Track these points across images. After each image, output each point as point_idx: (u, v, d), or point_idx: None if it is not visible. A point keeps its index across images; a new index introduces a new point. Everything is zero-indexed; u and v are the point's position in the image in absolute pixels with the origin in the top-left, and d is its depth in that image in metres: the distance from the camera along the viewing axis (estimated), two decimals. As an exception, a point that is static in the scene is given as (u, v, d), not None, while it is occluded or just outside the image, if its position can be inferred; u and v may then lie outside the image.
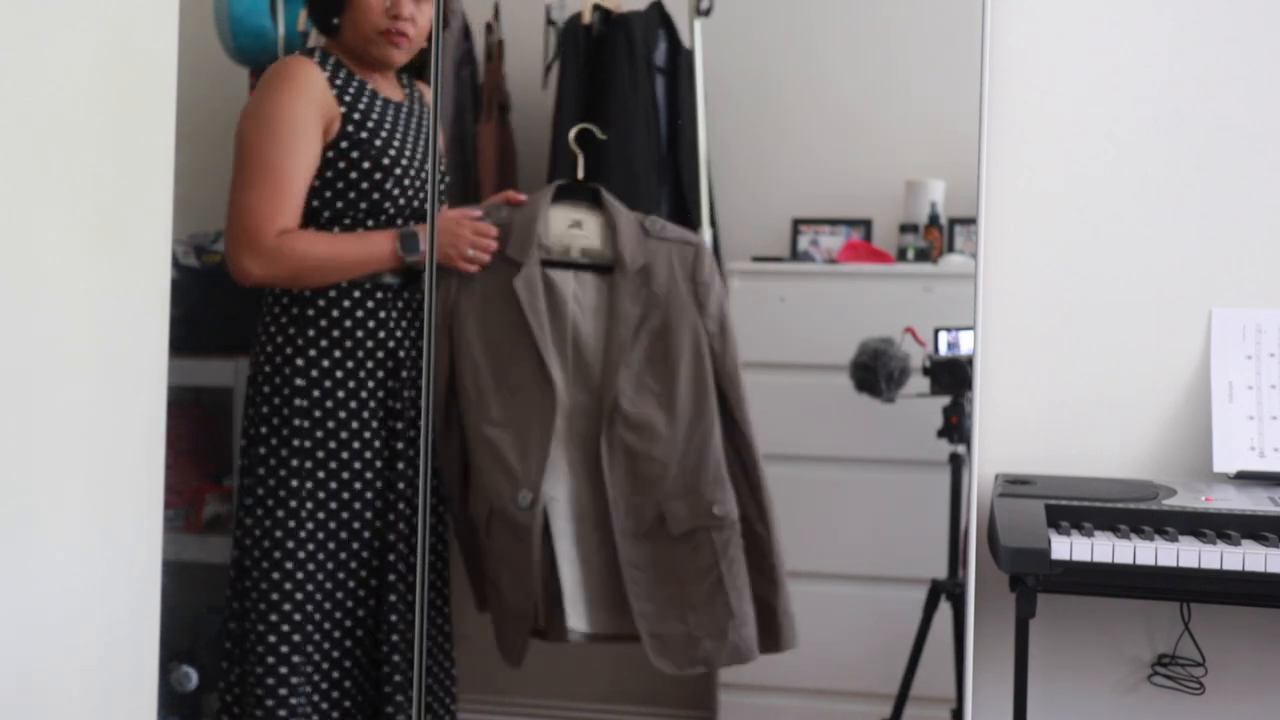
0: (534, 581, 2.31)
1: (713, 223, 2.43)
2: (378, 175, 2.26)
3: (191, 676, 2.37)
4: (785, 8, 2.41)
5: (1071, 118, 2.13)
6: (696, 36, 2.42)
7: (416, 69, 2.38)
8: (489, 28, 2.50)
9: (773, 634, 2.29)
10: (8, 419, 1.78)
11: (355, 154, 2.25)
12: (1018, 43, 2.14)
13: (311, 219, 2.26)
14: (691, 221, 2.43)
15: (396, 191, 2.28)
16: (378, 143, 2.26)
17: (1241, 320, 2.06)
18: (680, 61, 2.43)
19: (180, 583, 2.20)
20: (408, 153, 2.30)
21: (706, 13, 2.41)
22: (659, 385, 2.30)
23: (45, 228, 1.85)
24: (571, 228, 2.34)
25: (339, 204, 2.26)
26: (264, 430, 2.29)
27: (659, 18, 2.43)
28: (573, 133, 2.37)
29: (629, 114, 2.42)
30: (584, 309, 2.33)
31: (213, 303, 2.37)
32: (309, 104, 2.24)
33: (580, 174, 2.36)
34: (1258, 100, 2.09)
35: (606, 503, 2.30)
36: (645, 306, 2.30)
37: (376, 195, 2.26)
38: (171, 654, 2.24)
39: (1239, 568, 1.70)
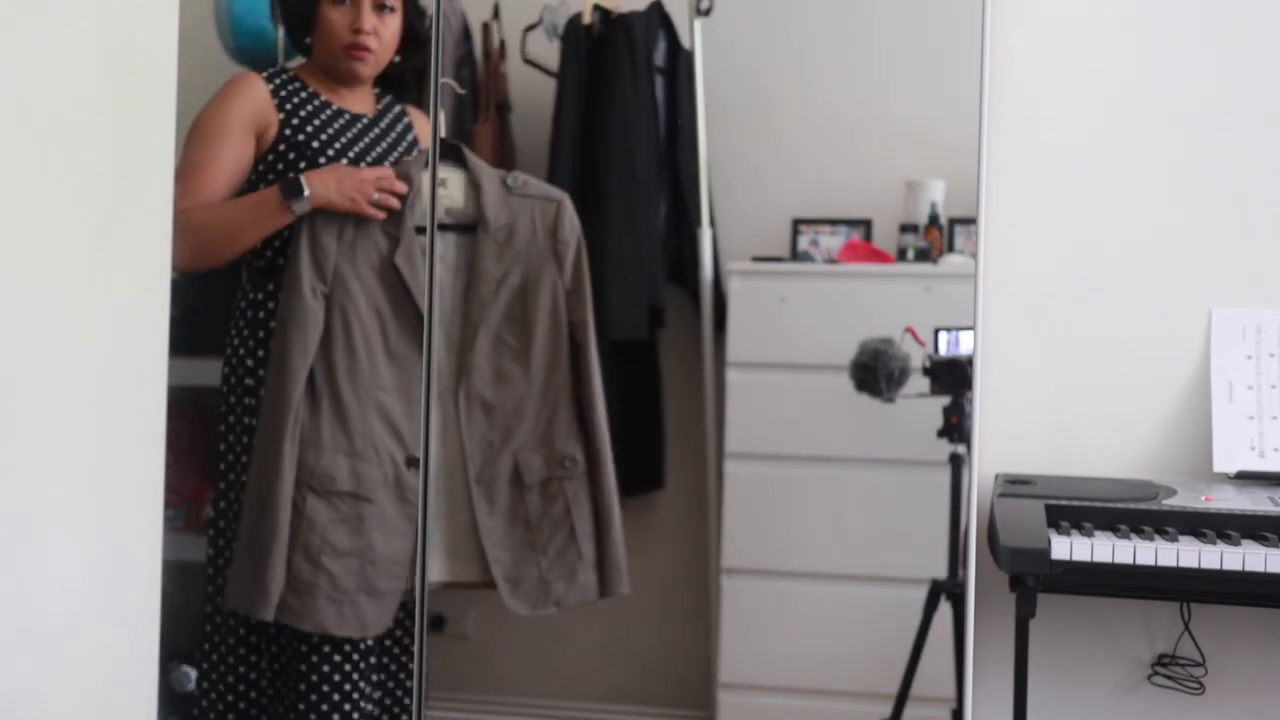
0: (413, 540, 2.32)
1: (713, 223, 2.43)
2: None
3: (191, 676, 2.36)
4: (785, 7, 2.41)
5: (1071, 118, 2.13)
6: (696, 37, 2.42)
7: (415, 88, 2.41)
8: (487, 28, 2.50)
9: (605, 579, 2.34)
10: (8, 419, 1.78)
11: (292, 155, 2.30)
12: (1017, 43, 2.14)
13: None
14: (691, 222, 2.43)
15: None
16: (315, 144, 2.31)
17: (1241, 320, 2.06)
18: (680, 61, 2.43)
19: (180, 583, 2.20)
20: (360, 159, 2.33)
21: (706, 13, 2.41)
22: (517, 341, 2.34)
23: (45, 228, 1.85)
24: (438, 188, 2.36)
25: None
26: (221, 428, 2.35)
27: (659, 18, 2.43)
28: (445, 81, 2.37)
29: (629, 114, 2.42)
30: (447, 267, 2.36)
31: (213, 303, 2.37)
32: (239, 111, 2.31)
33: (443, 132, 2.35)
34: (1257, 100, 2.09)
35: (464, 456, 2.34)
36: (507, 264, 2.34)
37: None
38: (171, 654, 2.24)
39: (1239, 568, 1.70)
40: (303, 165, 2.30)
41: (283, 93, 2.33)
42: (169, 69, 2.09)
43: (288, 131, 2.31)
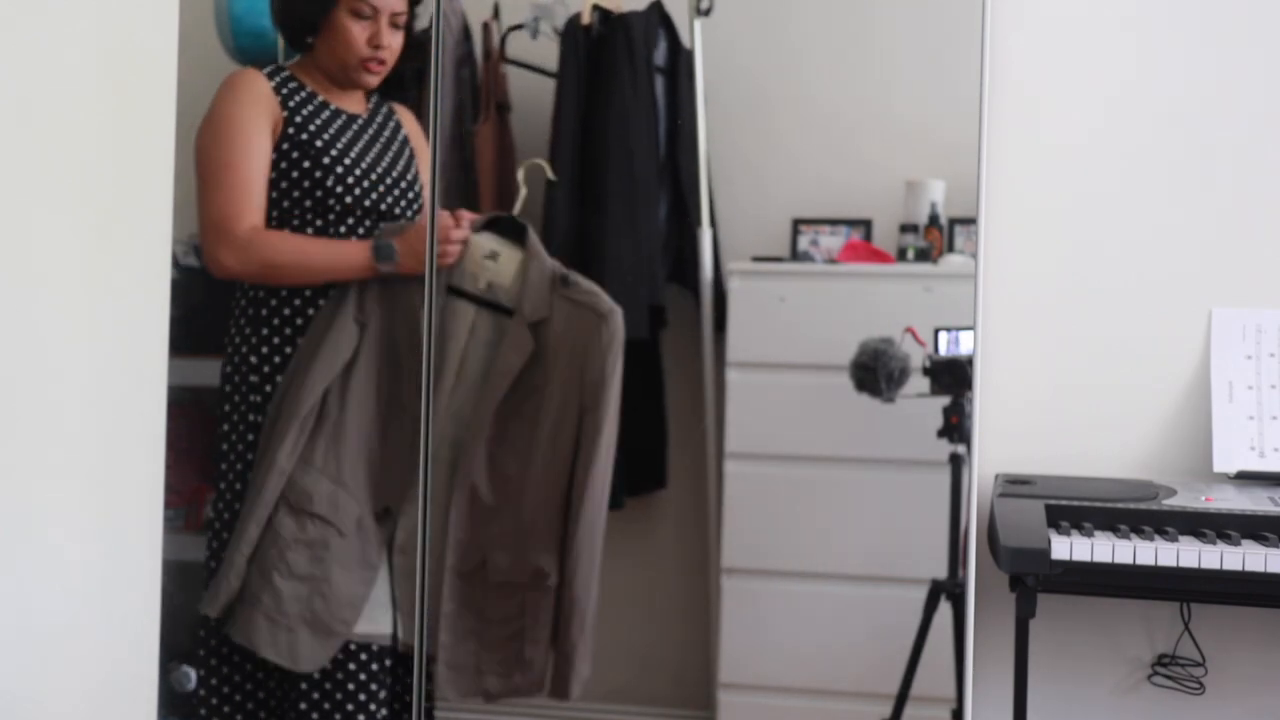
0: (370, 590, 2.31)
1: (713, 223, 2.43)
2: (318, 174, 2.30)
3: (191, 676, 2.36)
4: (786, 7, 2.41)
5: (1071, 118, 2.13)
6: (696, 36, 2.42)
7: (415, 88, 2.41)
8: (487, 28, 2.50)
9: (562, 686, 2.33)
10: (8, 419, 1.78)
11: (295, 154, 2.31)
12: (1017, 43, 2.14)
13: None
14: (691, 222, 2.43)
15: (341, 190, 2.31)
16: (319, 144, 2.31)
17: (1241, 320, 2.06)
18: (680, 61, 2.43)
19: (180, 583, 2.21)
20: (360, 159, 2.34)
21: (706, 13, 2.41)
22: (521, 440, 2.32)
23: (45, 228, 1.85)
24: (487, 258, 2.35)
25: (285, 202, 2.32)
26: (224, 428, 2.34)
27: (659, 18, 2.43)
28: (521, 170, 2.39)
29: (628, 114, 2.42)
30: (477, 342, 2.34)
31: (213, 303, 2.37)
32: (254, 106, 2.31)
33: (517, 209, 2.37)
34: (1258, 100, 2.09)
35: (445, 531, 2.33)
36: (530, 360, 2.32)
37: (319, 193, 2.31)
38: (171, 654, 2.24)
39: (1239, 568, 1.70)
40: (307, 165, 2.30)
41: (283, 91, 2.33)
42: (169, 69, 2.10)
43: (291, 130, 2.31)
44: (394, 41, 2.35)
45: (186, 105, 2.14)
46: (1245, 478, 1.99)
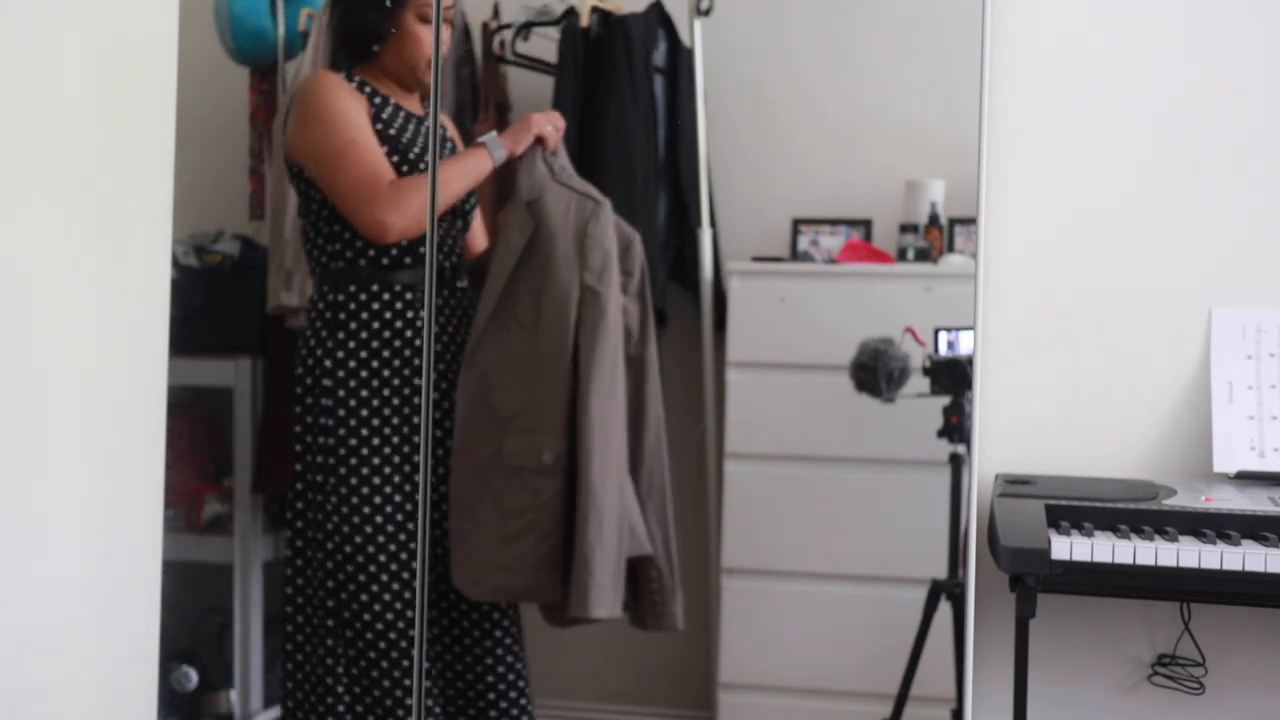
0: None
1: (713, 223, 2.44)
2: (405, 169, 2.33)
3: (191, 676, 2.37)
4: (786, 7, 2.41)
5: (1071, 118, 2.13)
6: (696, 36, 2.42)
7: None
8: (487, 28, 2.50)
9: (581, 599, 2.26)
10: (8, 419, 1.78)
11: (385, 147, 2.33)
12: (1018, 44, 2.14)
13: None
14: (691, 222, 2.43)
15: None
16: (403, 140, 2.34)
17: (1241, 320, 2.06)
18: (680, 61, 2.43)
19: (180, 583, 2.21)
20: (424, 155, 2.36)
21: (706, 13, 2.41)
22: (527, 320, 2.33)
23: (45, 227, 1.85)
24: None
25: None
26: (298, 429, 2.35)
27: (659, 18, 2.43)
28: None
29: (628, 115, 2.42)
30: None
31: (213, 303, 2.38)
32: (348, 94, 2.35)
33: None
34: (1257, 100, 2.09)
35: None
36: (530, 239, 2.33)
37: None
38: (171, 654, 2.24)
39: (1239, 568, 1.70)
40: (395, 159, 2.32)
41: (365, 90, 2.36)
42: (169, 69, 2.09)
43: (379, 126, 2.34)
44: (448, 37, 2.38)
45: (186, 105, 2.14)
46: (1245, 478, 1.99)
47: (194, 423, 2.40)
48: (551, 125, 2.37)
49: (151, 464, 2.09)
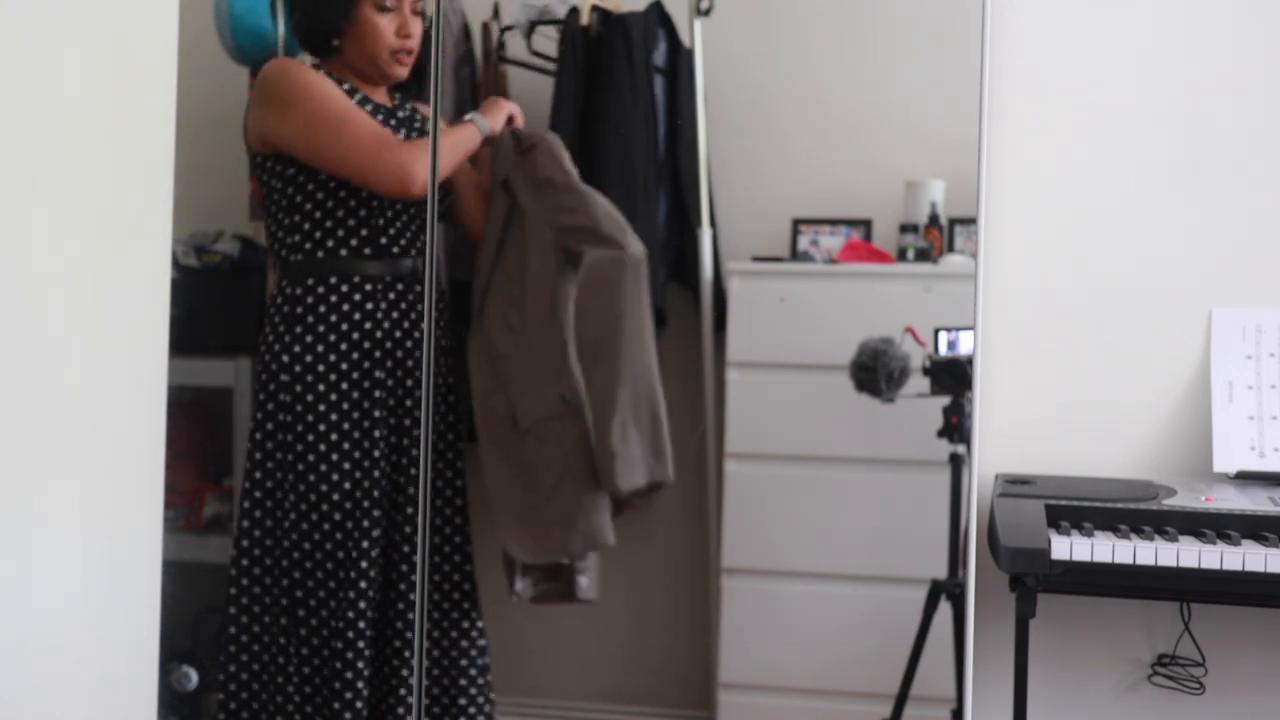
0: None
1: (713, 223, 2.43)
2: None
3: (191, 676, 2.37)
4: (786, 7, 2.41)
5: (1072, 118, 2.13)
6: (696, 36, 2.42)
7: (415, 87, 2.43)
8: (487, 28, 2.50)
9: (609, 479, 2.32)
10: (8, 419, 1.78)
11: None
12: (1018, 44, 2.14)
13: (328, 190, 2.34)
14: (691, 222, 2.43)
15: None
16: None
17: (1241, 320, 2.06)
18: (680, 61, 2.43)
19: (180, 583, 2.21)
20: None
21: (706, 13, 2.41)
22: (516, 290, 2.36)
23: (45, 228, 1.85)
24: None
25: (331, 183, 2.33)
26: (251, 427, 2.34)
27: (659, 18, 2.43)
28: None
29: (628, 115, 2.42)
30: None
31: (213, 303, 2.38)
32: (319, 76, 2.36)
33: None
34: (1257, 100, 2.09)
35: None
36: (507, 215, 2.37)
37: None
38: (171, 654, 2.24)
39: (1239, 568, 1.70)
40: None
41: (332, 77, 2.37)
42: (169, 69, 2.10)
43: None
44: (418, 30, 2.38)
45: (186, 105, 2.14)
46: (1245, 478, 1.99)
47: (194, 423, 2.40)
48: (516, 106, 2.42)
49: (151, 464, 2.09)
